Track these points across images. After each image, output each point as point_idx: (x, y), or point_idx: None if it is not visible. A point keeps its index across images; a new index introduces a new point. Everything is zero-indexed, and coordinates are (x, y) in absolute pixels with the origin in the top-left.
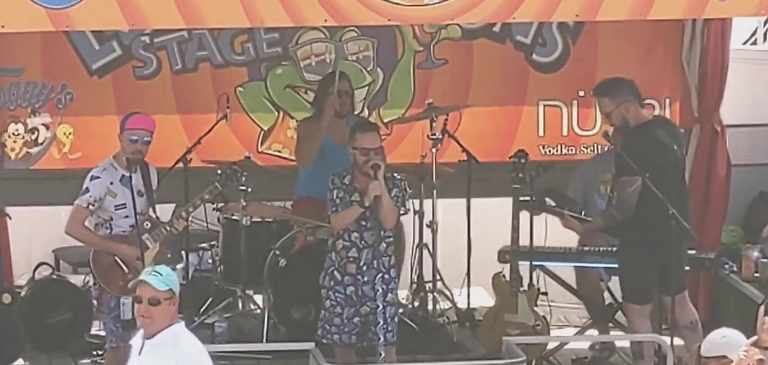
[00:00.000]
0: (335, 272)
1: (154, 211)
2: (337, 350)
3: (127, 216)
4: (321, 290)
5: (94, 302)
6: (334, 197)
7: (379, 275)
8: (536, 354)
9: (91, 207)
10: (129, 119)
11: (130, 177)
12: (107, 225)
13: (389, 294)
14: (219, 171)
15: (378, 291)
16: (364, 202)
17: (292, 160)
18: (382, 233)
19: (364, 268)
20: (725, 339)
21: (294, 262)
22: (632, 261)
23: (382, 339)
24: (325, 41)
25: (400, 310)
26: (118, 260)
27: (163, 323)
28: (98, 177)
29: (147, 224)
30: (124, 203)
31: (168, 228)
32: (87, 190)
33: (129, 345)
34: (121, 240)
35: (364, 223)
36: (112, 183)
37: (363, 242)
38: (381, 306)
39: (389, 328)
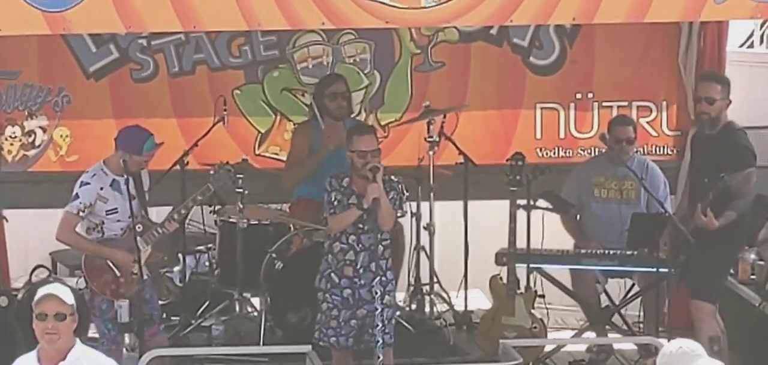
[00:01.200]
0: (332, 274)
1: (147, 214)
2: (333, 353)
3: (118, 220)
4: (317, 293)
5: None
6: (332, 199)
7: (377, 277)
8: (533, 356)
9: (81, 213)
10: (145, 144)
11: (128, 180)
12: (99, 229)
13: (386, 296)
14: (211, 171)
15: (376, 293)
16: (362, 204)
17: None
18: (379, 235)
19: (361, 271)
20: (682, 349)
21: (291, 265)
22: (707, 259)
23: (380, 341)
24: (323, 44)
25: (398, 312)
26: (111, 264)
27: (68, 341)
28: (88, 183)
29: (139, 227)
30: (116, 208)
31: (160, 231)
32: (77, 196)
33: (122, 347)
34: (112, 244)
35: (361, 225)
36: (102, 188)
37: (360, 244)
38: (379, 308)
39: (387, 330)
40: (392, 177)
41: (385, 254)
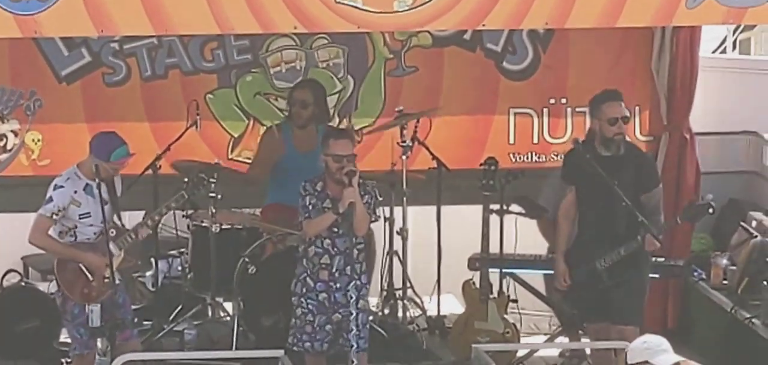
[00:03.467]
0: (307, 278)
1: (120, 219)
2: (307, 358)
3: (91, 224)
4: (292, 297)
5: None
6: (306, 203)
7: (352, 281)
8: (506, 361)
9: (54, 217)
10: (114, 153)
11: (99, 185)
12: (71, 233)
13: (361, 301)
14: (185, 179)
15: (352, 297)
16: (338, 209)
17: None
18: (354, 239)
19: (337, 274)
20: (646, 344)
21: (264, 269)
22: (628, 283)
23: (355, 346)
24: (296, 48)
25: (370, 317)
26: (83, 268)
27: None
28: (62, 186)
29: (112, 232)
30: (89, 212)
31: (133, 236)
32: (50, 199)
33: (95, 352)
34: (85, 248)
35: (336, 229)
36: (75, 192)
37: (335, 248)
38: (354, 313)
39: (361, 335)
40: (366, 182)
41: (359, 258)
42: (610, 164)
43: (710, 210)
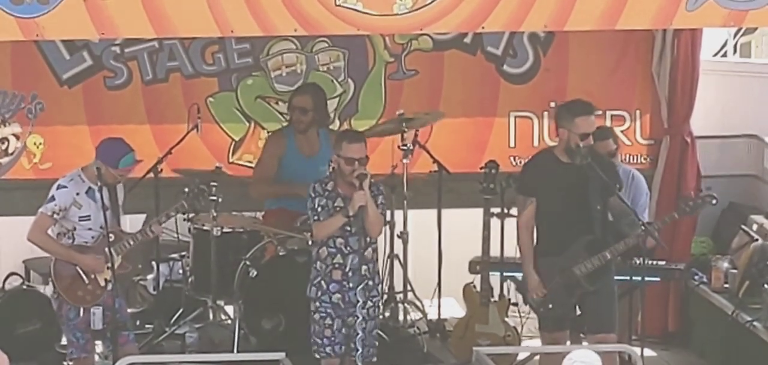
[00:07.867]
0: (321, 281)
1: (119, 225)
2: (327, 362)
3: (90, 228)
4: (310, 302)
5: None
6: (316, 205)
7: (364, 282)
8: (506, 364)
9: (55, 216)
10: (122, 160)
11: (101, 188)
12: (70, 235)
13: (373, 309)
14: (186, 189)
15: (358, 301)
16: (349, 210)
17: None
18: (366, 239)
19: (350, 274)
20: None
21: (264, 272)
22: (604, 291)
23: (359, 350)
24: (296, 52)
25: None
26: (80, 271)
27: None
28: (65, 187)
29: (111, 237)
30: (89, 215)
31: (130, 242)
32: (53, 198)
33: (93, 355)
34: (82, 251)
35: (348, 228)
36: (78, 194)
37: (348, 247)
38: (360, 318)
39: (366, 342)
40: (378, 183)
41: (372, 257)
42: (574, 172)
43: (714, 202)
